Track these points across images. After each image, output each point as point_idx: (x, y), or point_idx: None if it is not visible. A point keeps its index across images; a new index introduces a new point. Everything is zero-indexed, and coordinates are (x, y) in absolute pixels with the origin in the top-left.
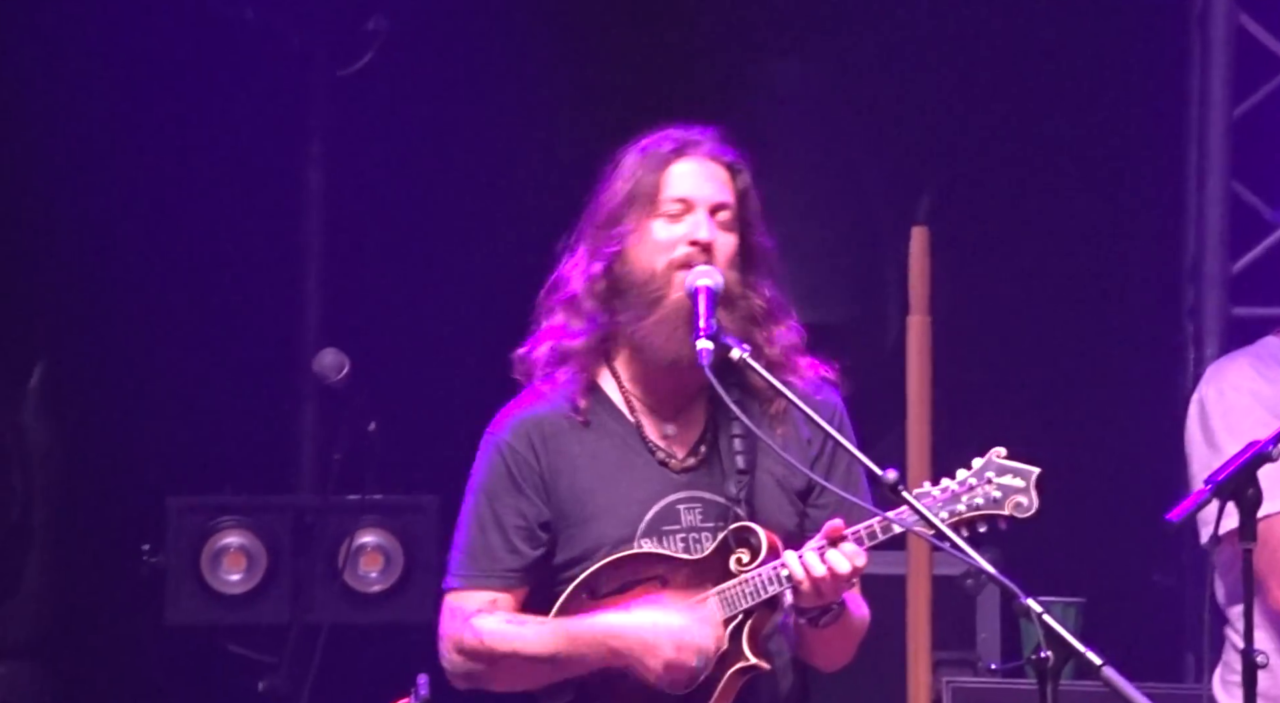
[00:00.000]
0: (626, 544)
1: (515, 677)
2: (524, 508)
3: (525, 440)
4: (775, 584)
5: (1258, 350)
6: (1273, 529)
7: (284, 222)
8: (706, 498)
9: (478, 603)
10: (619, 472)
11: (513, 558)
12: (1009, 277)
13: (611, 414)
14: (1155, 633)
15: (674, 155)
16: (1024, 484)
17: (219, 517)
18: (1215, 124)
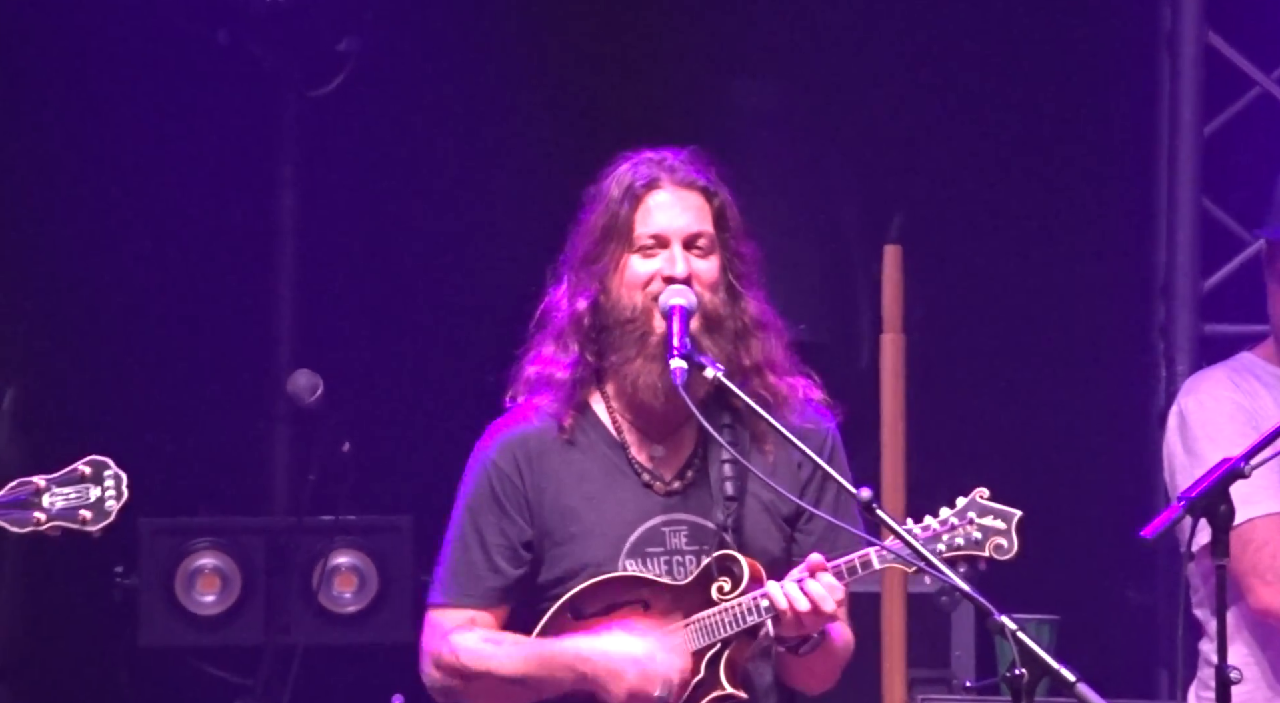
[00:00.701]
0: (610, 565)
1: (490, 696)
2: (506, 527)
3: (510, 459)
4: (755, 614)
5: (1234, 364)
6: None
7: (257, 243)
8: (692, 521)
9: (456, 620)
10: (604, 492)
11: (494, 577)
12: (981, 295)
13: (600, 434)
14: (1129, 650)
15: (646, 189)
16: (1005, 526)
17: (193, 538)
18: (1186, 142)
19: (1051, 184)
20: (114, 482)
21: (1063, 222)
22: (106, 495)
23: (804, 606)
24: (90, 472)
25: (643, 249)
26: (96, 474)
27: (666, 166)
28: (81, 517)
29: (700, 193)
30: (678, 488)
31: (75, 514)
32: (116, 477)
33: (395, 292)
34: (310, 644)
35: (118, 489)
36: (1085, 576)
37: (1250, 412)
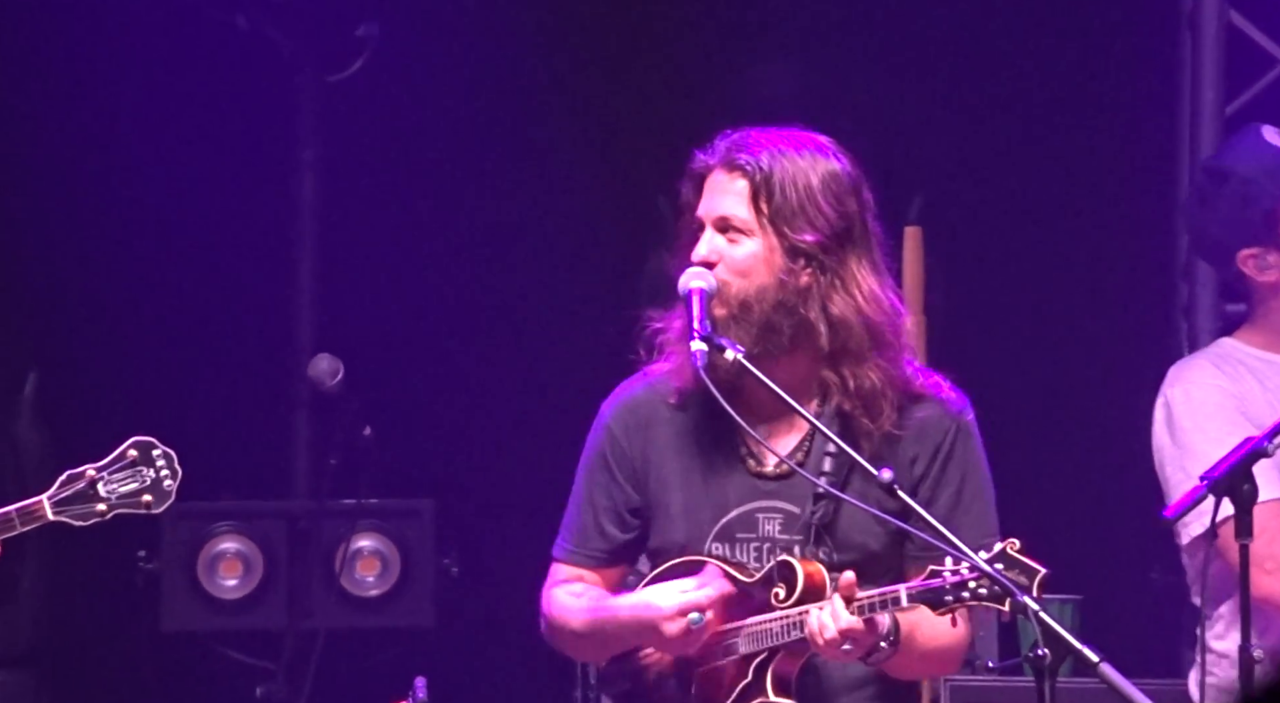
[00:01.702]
0: (697, 545)
1: (577, 647)
2: (614, 492)
3: (623, 425)
4: (797, 630)
5: (1215, 351)
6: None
7: (277, 228)
8: (788, 510)
9: (566, 575)
10: (705, 469)
11: (600, 540)
12: (1002, 277)
13: (711, 408)
14: (1152, 630)
15: (703, 171)
16: (1027, 582)
17: (215, 523)
18: (1207, 122)
19: (1072, 165)
20: (165, 460)
21: (1084, 203)
22: (162, 476)
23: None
24: (139, 454)
25: (696, 232)
26: (146, 456)
27: (724, 147)
28: (144, 501)
29: (741, 173)
30: (780, 474)
31: (137, 500)
32: (166, 455)
33: (415, 276)
34: (332, 628)
35: (171, 468)
36: (1108, 556)
37: (1237, 398)
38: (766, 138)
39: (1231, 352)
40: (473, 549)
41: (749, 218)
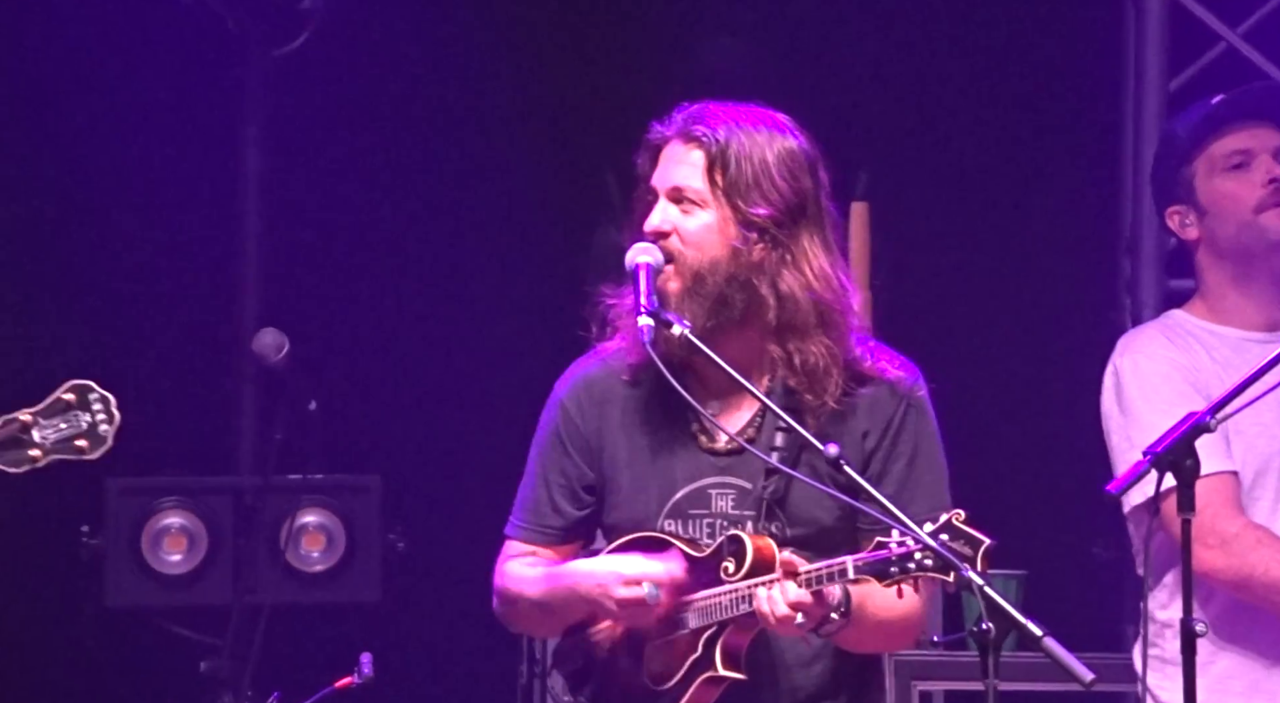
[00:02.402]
0: (651, 522)
1: (529, 620)
2: (567, 468)
3: (577, 402)
4: (745, 604)
5: (1166, 321)
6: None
7: (222, 202)
8: (741, 486)
9: (519, 553)
10: (658, 446)
11: (555, 517)
12: (947, 251)
13: (665, 385)
14: (1095, 604)
15: (659, 142)
16: (972, 553)
17: (159, 498)
18: (1151, 98)
19: (1017, 142)
20: (102, 404)
21: (1028, 179)
22: (98, 420)
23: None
24: (75, 398)
25: (648, 203)
26: (82, 400)
27: (682, 118)
28: (78, 447)
29: (698, 145)
30: (731, 450)
31: (71, 445)
32: (103, 399)
33: (361, 250)
34: (278, 604)
35: (108, 411)
36: (1052, 531)
37: (1187, 369)
38: (725, 112)
39: (1181, 323)
40: (419, 525)
41: (703, 189)
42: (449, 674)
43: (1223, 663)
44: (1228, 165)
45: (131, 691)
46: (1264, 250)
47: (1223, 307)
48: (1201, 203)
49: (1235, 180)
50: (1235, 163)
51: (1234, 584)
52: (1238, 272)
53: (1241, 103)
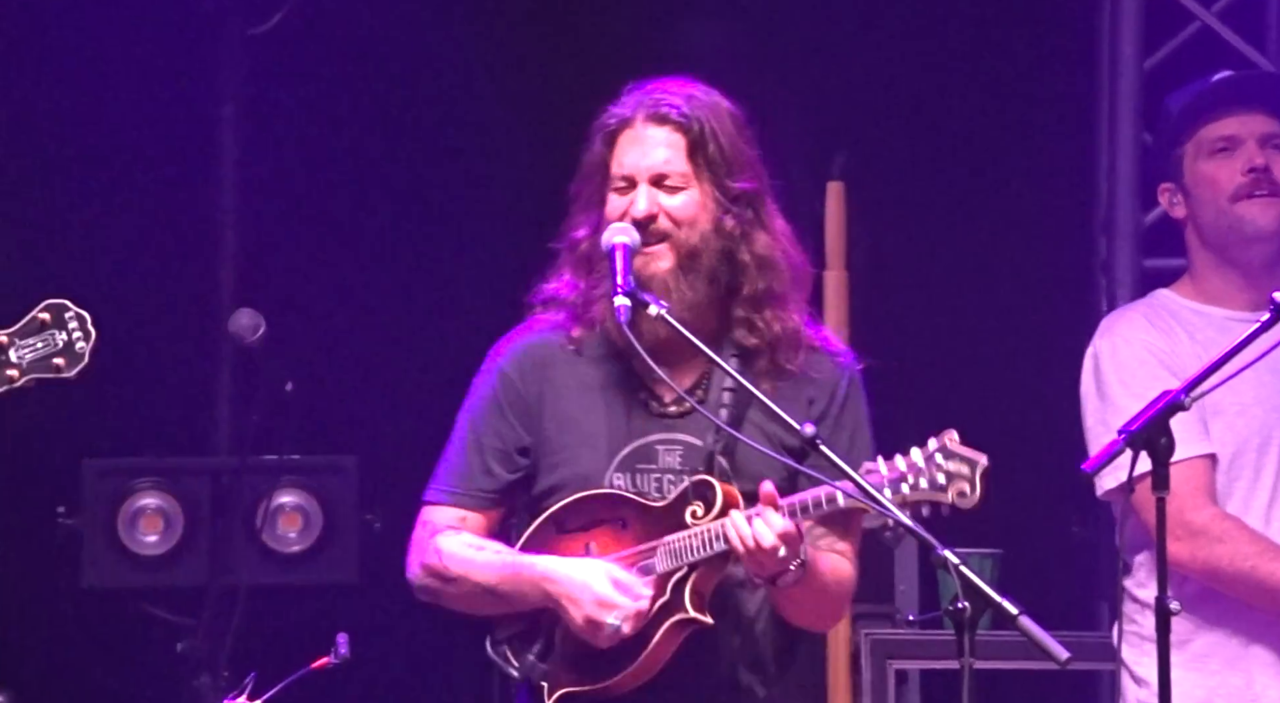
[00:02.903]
0: (599, 477)
1: (465, 601)
2: (503, 431)
3: (517, 365)
4: (720, 542)
5: (1149, 303)
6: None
7: (198, 182)
8: (688, 442)
9: (447, 519)
10: (605, 404)
11: (487, 479)
12: (924, 231)
13: (607, 350)
14: (1071, 583)
15: (620, 126)
16: (969, 473)
17: (135, 479)
18: (1126, 77)
19: (992, 120)
20: (78, 322)
21: (1004, 157)
22: (75, 338)
23: (750, 542)
24: (51, 317)
25: (618, 189)
26: (58, 318)
27: (644, 101)
28: (55, 365)
29: (673, 126)
30: (677, 411)
31: (49, 363)
32: (79, 316)
33: (338, 230)
34: (254, 584)
35: (84, 329)
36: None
37: (1165, 352)
38: (680, 89)
39: (1166, 303)
40: (396, 505)
41: (687, 170)
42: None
43: (1201, 640)
44: (1214, 149)
45: (108, 671)
46: (1238, 240)
47: (1208, 287)
48: (1187, 184)
49: (1218, 165)
50: (1221, 147)
51: (1202, 575)
52: (1219, 256)
53: (1239, 87)
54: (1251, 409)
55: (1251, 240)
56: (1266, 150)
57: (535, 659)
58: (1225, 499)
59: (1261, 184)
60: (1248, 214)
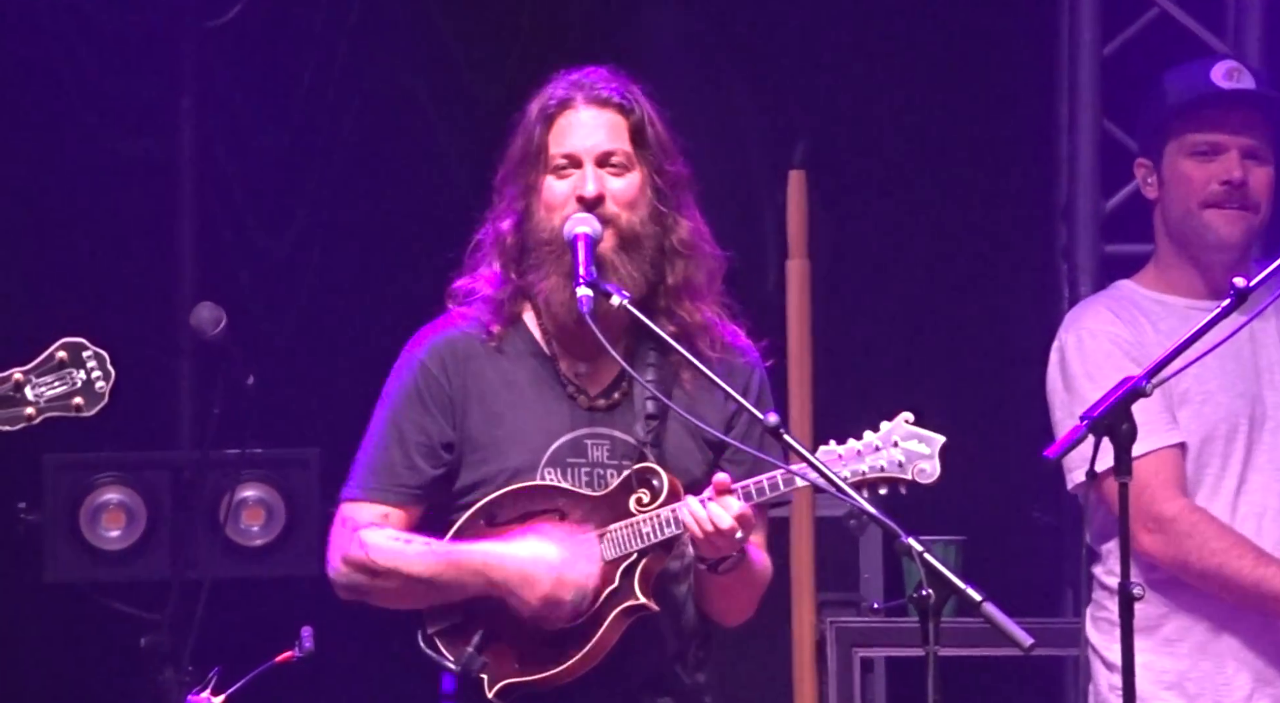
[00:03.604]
0: (529, 473)
1: (395, 595)
2: (428, 426)
3: (438, 360)
4: (671, 527)
5: (1112, 294)
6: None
7: (157, 176)
8: (614, 436)
9: (370, 516)
10: (530, 400)
11: (410, 474)
12: (885, 219)
13: (528, 346)
14: (1034, 569)
15: (559, 108)
16: (929, 451)
17: (97, 473)
18: (1085, 63)
19: (953, 107)
20: (97, 361)
21: (964, 145)
22: (94, 378)
23: (708, 525)
24: (68, 356)
25: (557, 170)
26: (76, 357)
27: (582, 85)
28: (74, 404)
29: (615, 109)
30: (603, 405)
31: (67, 403)
32: (98, 356)
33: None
34: (217, 578)
35: (103, 369)
36: (991, 497)
37: (1130, 343)
38: (616, 75)
39: (1129, 294)
40: None
41: (630, 152)
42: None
43: (1171, 625)
44: (1196, 149)
45: (71, 666)
46: (1201, 244)
47: (1170, 276)
48: (1164, 173)
49: (1196, 167)
50: (1203, 150)
51: (1171, 568)
52: (1181, 250)
53: (1238, 98)
54: (1217, 396)
55: (1213, 248)
56: (1247, 164)
57: (474, 651)
58: (1195, 487)
59: (1233, 197)
60: (1214, 223)
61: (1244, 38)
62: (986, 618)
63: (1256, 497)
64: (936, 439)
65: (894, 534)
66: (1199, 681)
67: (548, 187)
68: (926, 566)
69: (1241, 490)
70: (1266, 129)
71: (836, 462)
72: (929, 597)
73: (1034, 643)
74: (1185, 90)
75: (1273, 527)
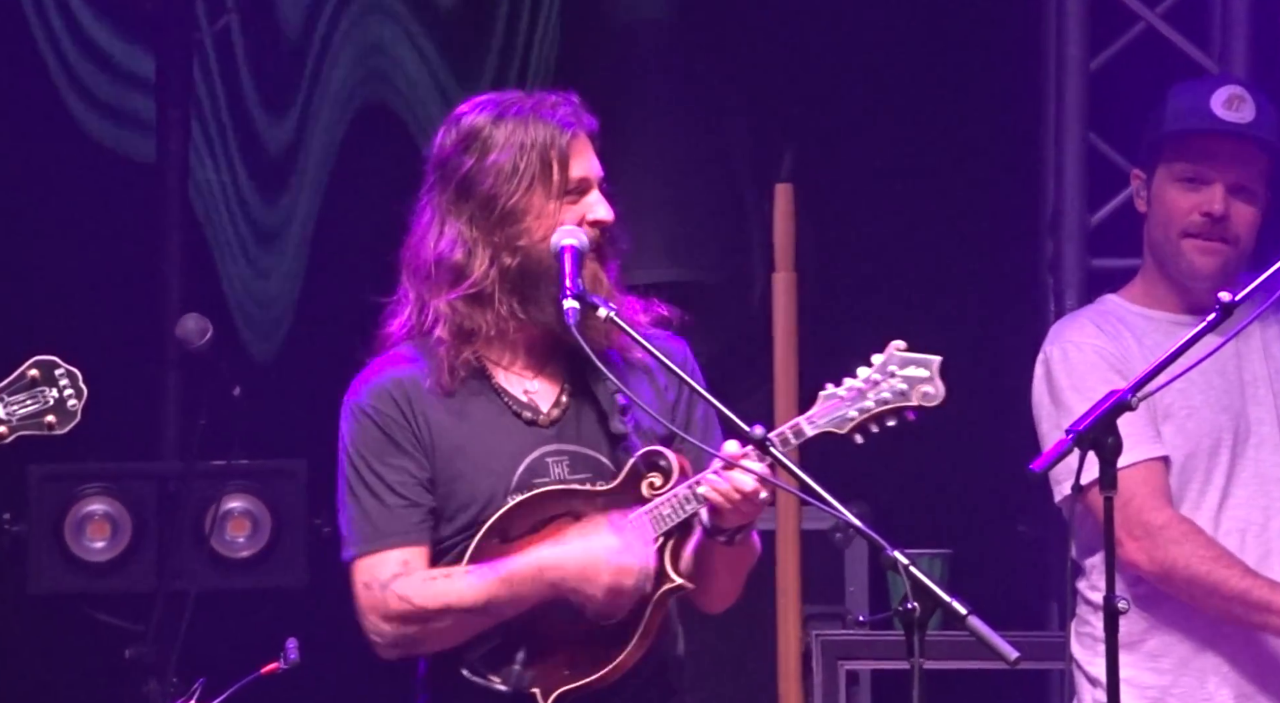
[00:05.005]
0: (499, 501)
1: (450, 633)
2: (407, 465)
3: (389, 401)
4: (692, 504)
5: (1097, 308)
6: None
7: (144, 187)
8: (572, 450)
9: (392, 566)
10: (484, 430)
11: (413, 511)
12: (872, 232)
13: (472, 374)
14: (1020, 583)
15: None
16: (928, 374)
17: (82, 484)
18: (1072, 77)
19: (940, 121)
20: (69, 379)
21: (951, 159)
22: (66, 396)
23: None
24: (40, 374)
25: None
26: (48, 375)
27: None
28: (47, 423)
29: (587, 133)
30: (555, 419)
31: (40, 421)
32: (70, 374)
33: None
34: (203, 590)
35: (75, 387)
36: (976, 511)
37: (1115, 356)
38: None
39: (1114, 309)
40: None
41: None
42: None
43: (1154, 641)
44: (1183, 176)
45: (55, 678)
46: (1177, 271)
47: (1156, 291)
48: (1152, 192)
49: (1180, 195)
50: (1189, 178)
51: (1156, 577)
52: (1162, 270)
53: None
54: (1201, 412)
55: (1186, 277)
56: (1230, 199)
57: (520, 669)
58: (1178, 502)
59: (1213, 230)
60: (1189, 253)
61: (1230, 52)
62: (972, 631)
63: (1240, 512)
64: (933, 360)
65: (879, 547)
66: (1182, 696)
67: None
68: (912, 579)
69: (1225, 506)
70: (1259, 163)
71: (840, 404)
72: (914, 610)
73: (1019, 657)
74: (1182, 114)
75: (1255, 543)
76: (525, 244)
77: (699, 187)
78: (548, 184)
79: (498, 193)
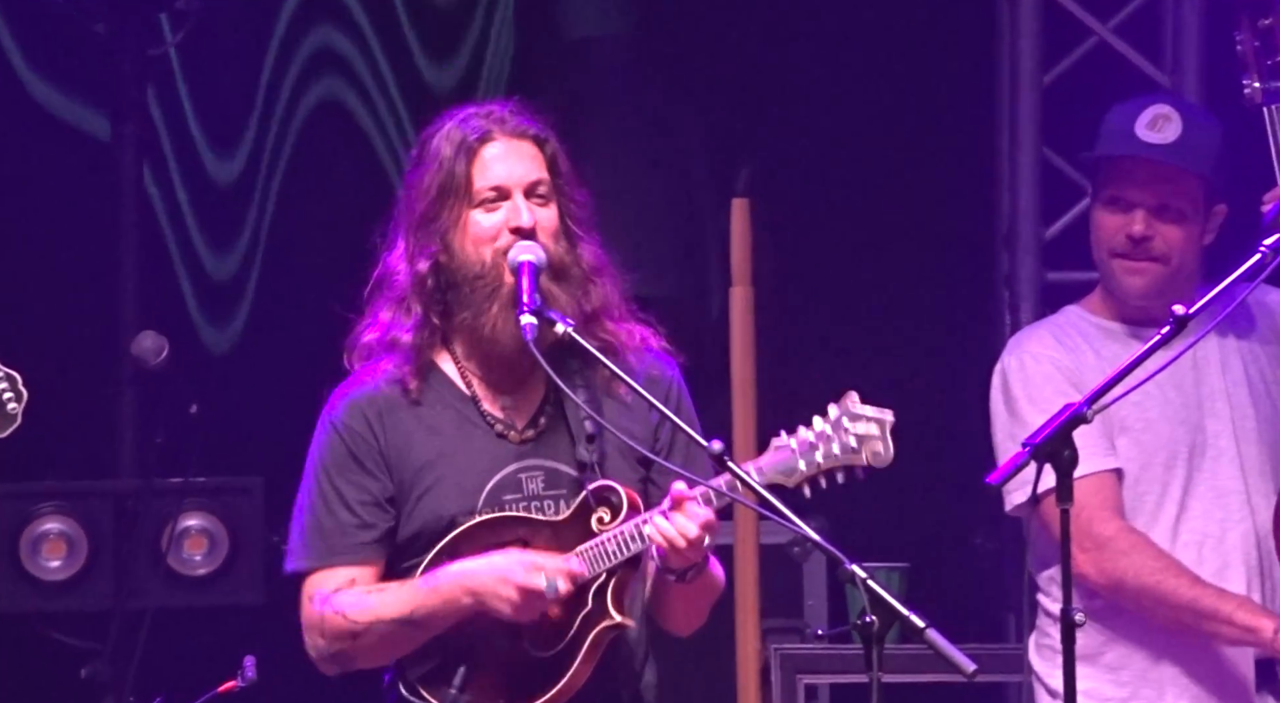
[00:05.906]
0: (467, 516)
1: (380, 647)
2: (367, 483)
3: (361, 418)
4: (638, 541)
5: (1057, 320)
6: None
7: (99, 204)
8: (547, 467)
9: (336, 582)
10: (457, 444)
11: (365, 532)
12: (828, 246)
13: (447, 390)
14: (977, 596)
15: (480, 142)
16: (879, 432)
17: (38, 503)
18: (1026, 91)
19: (895, 135)
20: (8, 383)
21: (907, 172)
22: (5, 399)
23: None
24: None
25: (484, 203)
26: None
27: (496, 118)
28: None
29: (532, 141)
30: (531, 436)
31: None
32: (9, 377)
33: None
34: (160, 608)
35: (14, 390)
36: (933, 524)
37: (1071, 369)
38: (521, 107)
39: (1074, 320)
40: None
41: (550, 183)
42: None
43: (1112, 653)
44: (1109, 199)
45: (11, 698)
46: (1114, 289)
47: (1112, 302)
48: (1091, 211)
49: (1108, 216)
50: (1114, 199)
51: (1106, 589)
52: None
53: (1150, 151)
54: (1157, 425)
55: (1121, 296)
56: (1155, 220)
57: (456, 692)
58: (1133, 515)
59: (1137, 252)
60: (1119, 273)
61: (1182, 66)
62: (930, 644)
63: (1197, 524)
64: (886, 418)
65: (838, 561)
66: None
67: (474, 221)
68: (870, 592)
69: (1182, 518)
70: (1185, 181)
71: (790, 455)
72: (873, 623)
73: (977, 669)
74: (1107, 138)
75: (1213, 555)
76: (438, 249)
77: (656, 200)
78: (457, 193)
79: (417, 204)
